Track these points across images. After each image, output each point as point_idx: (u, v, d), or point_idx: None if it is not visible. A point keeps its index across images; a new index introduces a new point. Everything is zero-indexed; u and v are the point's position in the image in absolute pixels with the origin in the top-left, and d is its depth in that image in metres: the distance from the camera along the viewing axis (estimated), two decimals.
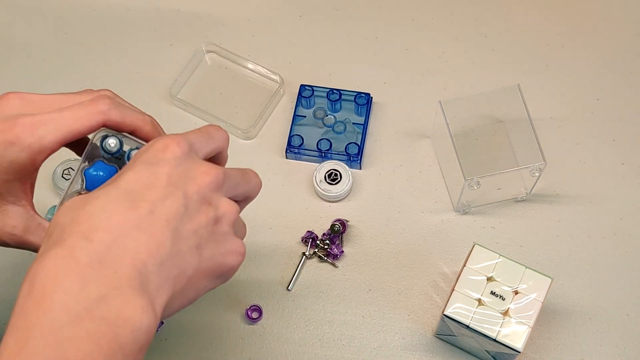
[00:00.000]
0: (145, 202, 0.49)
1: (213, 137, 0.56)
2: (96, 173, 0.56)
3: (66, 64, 0.97)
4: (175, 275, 0.49)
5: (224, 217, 0.53)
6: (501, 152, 0.89)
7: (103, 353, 0.45)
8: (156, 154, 0.51)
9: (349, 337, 0.81)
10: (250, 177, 0.58)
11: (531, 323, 0.71)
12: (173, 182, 0.50)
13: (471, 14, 0.99)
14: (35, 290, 0.46)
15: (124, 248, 0.47)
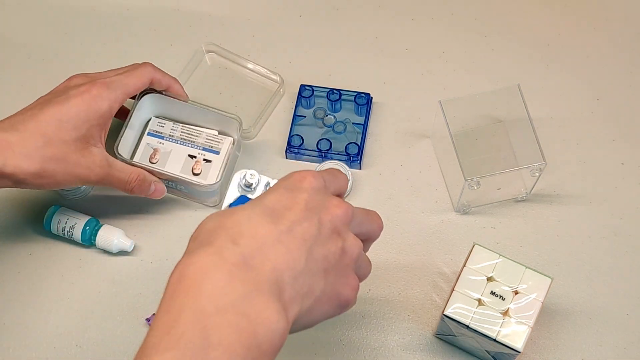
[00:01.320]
0: (285, 220, 0.54)
1: (338, 178, 0.61)
2: None
3: (66, 64, 0.97)
4: (305, 292, 0.53)
5: (349, 250, 0.57)
6: (501, 152, 0.89)
7: (243, 345, 0.49)
8: (295, 182, 0.57)
9: (349, 337, 0.81)
10: (374, 218, 0.63)
11: (531, 323, 0.71)
12: (310, 207, 0.55)
13: (471, 14, 0.99)
14: (186, 280, 0.50)
15: (266, 256, 0.52)
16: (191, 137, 0.87)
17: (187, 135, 0.88)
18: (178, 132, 0.88)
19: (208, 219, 0.55)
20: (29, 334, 0.82)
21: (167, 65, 0.95)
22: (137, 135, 0.88)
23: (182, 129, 0.88)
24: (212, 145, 0.87)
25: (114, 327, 0.82)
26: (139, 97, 0.85)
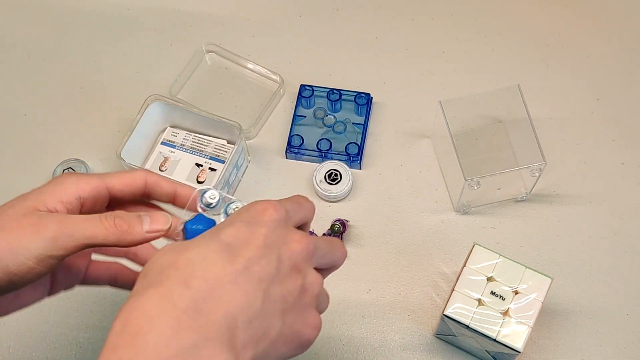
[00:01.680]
0: (242, 258, 0.50)
1: (303, 207, 0.58)
2: (195, 227, 0.58)
3: (66, 64, 0.97)
4: (260, 336, 0.50)
5: (310, 288, 0.53)
6: (501, 152, 0.89)
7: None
8: (255, 215, 0.52)
9: (349, 337, 0.81)
10: (336, 247, 0.59)
11: (531, 323, 0.71)
12: (269, 243, 0.51)
13: (471, 14, 0.99)
14: (129, 328, 0.46)
15: (219, 299, 0.48)
16: (201, 147, 0.89)
17: (197, 145, 0.89)
18: (189, 142, 0.90)
19: (160, 253, 0.50)
20: (29, 334, 0.82)
21: (167, 65, 0.96)
22: (151, 144, 0.90)
23: (193, 138, 0.90)
24: (219, 155, 0.88)
25: None
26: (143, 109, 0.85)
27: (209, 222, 0.58)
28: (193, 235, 0.56)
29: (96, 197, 0.59)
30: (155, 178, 0.61)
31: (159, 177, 0.61)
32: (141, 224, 0.57)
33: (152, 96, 0.87)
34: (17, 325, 0.82)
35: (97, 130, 0.93)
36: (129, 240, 0.56)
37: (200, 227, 0.57)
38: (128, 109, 0.92)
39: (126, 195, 0.60)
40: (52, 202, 0.56)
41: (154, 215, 0.58)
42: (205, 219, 0.58)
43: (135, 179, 0.60)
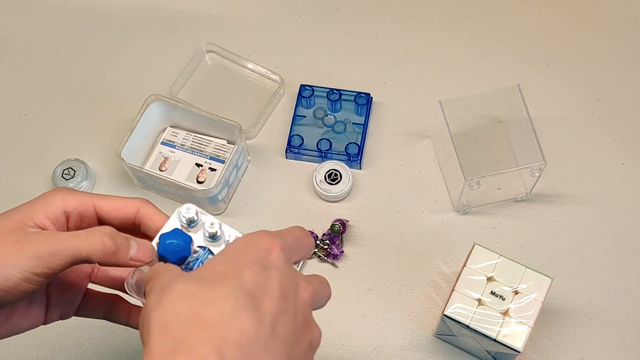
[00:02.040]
0: (267, 315, 0.48)
1: (304, 245, 0.57)
2: (170, 241, 0.57)
3: (66, 64, 0.97)
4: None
5: (315, 343, 0.53)
6: (501, 152, 0.89)
7: None
8: (265, 254, 0.51)
9: (349, 337, 0.81)
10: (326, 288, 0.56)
11: (531, 323, 0.71)
12: (285, 293, 0.50)
13: (471, 14, 0.99)
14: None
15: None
16: (201, 147, 0.89)
17: (197, 145, 0.89)
18: (189, 142, 0.90)
19: (178, 297, 0.47)
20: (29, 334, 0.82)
21: (167, 65, 0.96)
22: (151, 144, 0.90)
23: (193, 138, 0.90)
24: (219, 155, 0.88)
25: (114, 327, 0.82)
26: (143, 109, 0.85)
27: (185, 237, 0.57)
28: (166, 251, 0.56)
29: (82, 214, 0.58)
30: (149, 210, 0.59)
31: (153, 210, 0.59)
32: (128, 248, 0.55)
33: (152, 96, 0.87)
34: None
35: (97, 130, 0.93)
36: (112, 261, 0.55)
37: (174, 242, 0.56)
38: (128, 108, 0.92)
39: (114, 221, 0.58)
40: (40, 217, 0.56)
41: (141, 244, 0.56)
42: (182, 234, 0.57)
43: (126, 205, 0.59)
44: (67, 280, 0.61)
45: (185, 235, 0.57)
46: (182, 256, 0.56)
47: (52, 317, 0.61)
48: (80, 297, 0.63)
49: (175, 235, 0.57)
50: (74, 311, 0.62)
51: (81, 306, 0.63)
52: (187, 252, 0.57)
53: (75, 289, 0.62)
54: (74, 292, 0.62)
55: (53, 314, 0.61)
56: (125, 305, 0.63)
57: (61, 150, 0.91)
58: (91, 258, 0.54)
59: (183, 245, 0.56)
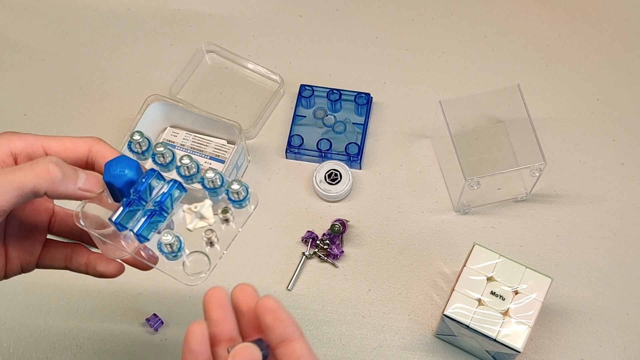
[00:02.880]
0: None
1: None
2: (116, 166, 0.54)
3: (66, 64, 0.97)
4: None
5: None
6: (501, 152, 0.89)
7: None
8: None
9: (349, 337, 0.81)
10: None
11: (531, 323, 0.71)
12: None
13: (471, 14, 0.99)
14: None
15: None
16: (201, 147, 0.89)
17: (197, 145, 0.89)
18: (189, 142, 0.89)
19: None
20: (29, 334, 0.82)
21: (167, 65, 0.96)
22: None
23: (193, 138, 0.90)
24: (219, 155, 0.88)
25: (114, 327, 0.82)
26: (143, 109, 0.84)
27: (131, 162, 0.55)
28: (111, 176, 0.53)
29: (30, 155, 0.55)
30: (102, 148, 0.56)
31: (106, 148, 0.57)
32: (76, 178, 0.53)
33: (152, 96, 0.87)
34: (16, 325, 0.82)
35: (97, 130, 0.93)
36: (60, 191, 0.52)
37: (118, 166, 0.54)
38: (128, 108, 0.92)
39: (65, 162, 0.55)
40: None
41: (89, 174, 0.54)
42: (127, 159, 0.55)
43: (77, 145, 0.56)
44: (25, 229, 0.59)
45: (131, 160, 0.55)
46: (128, 179, 0.54)
47: (12, 269, 0.59)
48: (40, 246, 0.60)
49: (119, 161, 0.54)
50: (35, 262, 0.60)
51: (41, 256, 0.60)
52: (134, 175, 0.54)
53: (34, 238, 0.60)
54: (33, 241, 0.60)
55: (13, 266, 0.59)
56: (84, 252, 0.61)
57: None
58: (38, 189, 0.51)
59: (128, 170, 0.54)
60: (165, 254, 0.55)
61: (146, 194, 0.55)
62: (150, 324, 0.81)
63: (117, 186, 0.54)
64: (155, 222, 0.55)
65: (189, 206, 0.58)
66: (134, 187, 0.55)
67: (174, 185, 0.56)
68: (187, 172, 0.58)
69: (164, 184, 0.56)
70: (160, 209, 0.55)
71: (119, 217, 0.54)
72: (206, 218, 0.58)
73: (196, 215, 0.57)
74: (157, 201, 0.55)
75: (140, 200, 0.55)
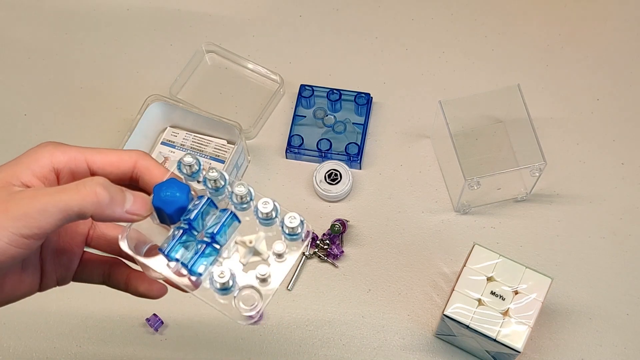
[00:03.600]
0: None
1: None
2: (166, 191, 0.51)
3: (66, 64, 0.97)
4: None
5: None
6: (501, 152, 0.89)
7: None
8: None
9: (349, 337, 0.81)
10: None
11: (531, 323, 0.71)
12: None
13: (471, 14, 0.99)
14: None
15: None
16: (201, 147, 0.89)
17: (197, 145, 0.90)
18: (189, 142, 0.90)
19: None
20: (29, 334, 0.82)
21: (167, 65, 0.96)
22: (151, 144, 0.90)
23: (193, 138, 0.90)
24: (219, 155, 0.88)
25: (113, 327, 0.82)
26: (143, 109, 0.84)
27: (182, 186, 0.51)
28: (161, 201, 0.50)
29: (73, 170, 0.52)
30: (147, 164, 0.53)
31: (151, 164, 0.53)
32: (124, 201, 0.50)
33: (152, 96, 0.87)
34: (17, 325, 0.82)
35: (97, 130, 0.93)
36: (107, 215, 0.49)
37: (169, 192, 0.51)
38: (128, 109, 0.92)
39: (109, 176, 0.52)
40: (26, 176, 0.50)
41: (137, 196, 0.51)
42: (178, 183, 0.51)
43: (122, 159, 0.53)
44: (62, 243, 0.56)
45: (182, 184, 0.51)
46: (180, 206, 0.51)
47: (47, 283, 0.56)
48: (77, 261, 0.57)
49: (170, 185, 0.51)
50: (72, 276, 0.58)
51: (78, 271, 0.58)
52: (185, 201, 0.51)
53: (71, 253, 0.57)
54: (70, 255, 0.57)
55: (49, 280, 0.56)
56: (124, 270, 0.57)
57: None
58: (84, 212, 0.48)
59: (179, 195, 0.51)
60: (217, 290, 0.52)
61: (198, 224, 0.52)
62: (150, 324, 0.81)
63: (167, 212, 0.51)
64: (208, 255, 0.52)
65: (242, 239, 0.54)
66: (185, 215, 0.52)
67: (229, 216, 0.52)
68: (240, 200, 0.53)
69: (217, 213, 0.53)
70: (213, 240, 0.52)
71: (170, 249, 0.51)
72: (261, 253, 0.54)
73: (250, 249, 0.54)
74: (210, 233, 0.52)
75: (191, 229, 0.52)
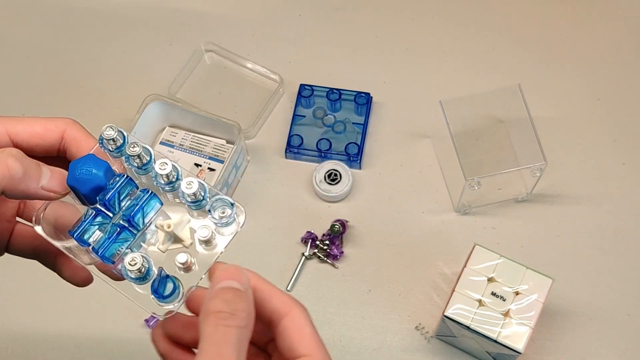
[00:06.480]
0: None
1: None
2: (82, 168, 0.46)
3: (65, 64, 0.97)
4: None
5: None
6: (502, 152, 0.89)
7: None
8: None
9: (349, 338, 0.81)
10: None
11: (532, 324, 0.71)
12: None
13: (471, 13, 0.98)
14: None
15: None
16: (200, 147, 0.89)
17: (196, 145, 0.89)
18: (188, 142, 0.90)
19: None
20: (27, 335, 0.82)
21: (166, 65, 0.95)
22: (150, 144, 0.90)
23: (192, 138, 0.90)
24: (218, 155, 0.88)
25: (113, 327, 0.82)
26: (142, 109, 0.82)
27: (100, 163, 0.47)
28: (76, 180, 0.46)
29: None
30: (76, 134, 0.49)
31: (80, 134, 0.50)
32: (39, 175, 0.46)
33: (151, 96, 0.87)
34: (15, 325, 0.82)
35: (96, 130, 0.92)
36: (20, 190, 0.45)
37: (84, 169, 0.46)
38: (127, 108, 0.92)
39: (34, 149, 0.48)
40: None
41: (55, 171, 0.47)
42: (96, 160, 0.47)
43: (48, 129, 0.48)
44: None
45: (100, 161, 0.47)
46: (95, 185, 0.46)
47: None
48: (8, 234, 0.53)
49: (86, 161, 0.47)
50: (3, 250, 0.53)
51: (11, 243, 0.53)
52: (102, 180, 0.46)
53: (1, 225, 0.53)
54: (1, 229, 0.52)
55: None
56: (52, 249, 0.51)
57: None
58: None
59: (96, 172, 0.47)
60: (131, 279, 0.48)
61: (114, 205, 0.48)
62: (150, 324, 0.81)
63: (82, 192, 0.47)
64: (123, 240, 0.47)
65: (163, 222, 0.50)
66: (101, 195, 0.47)
67: (148, 197, 0.48)
68: (165, 179, 0.49)
69: (137, 194, 0.48)
70: (129, 224, 0.48)
71: (78, 231, 0.47)
72: (182, 240, 0.50)
73: (170, 235, 0.50)
74: (127, 214, 0.48)
75: (107, 210, 0.48)
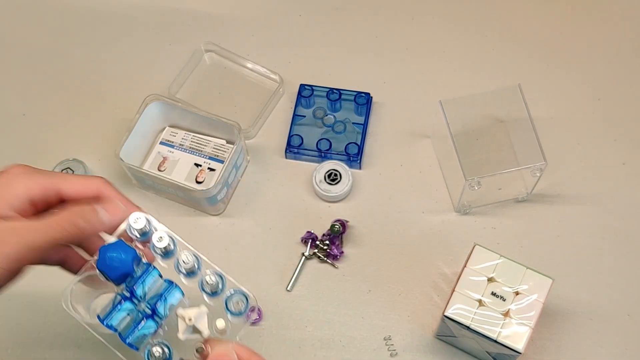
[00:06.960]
0: None
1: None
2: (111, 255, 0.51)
3: (65, 64, 0.97)
4: None
5: None
6: (502, 152, 0.89)
7: None
8: None
9: (349, 338, 0.81)
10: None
11: (532, 324, 0.71)
12: None
13: (472, 13, 0.98)
14: None
15: None
16: (200, 147, 0.89)
17: (196, 145, 0.89)
18: (188, 142, 0.89)
19: None
20: (28, 335, 0.82)
21: (166, 65, 0.95)
22: (150, 144, 0.90)
23: (192, 138, 0.90)
24: (218, 155, 0.88)
25: None
26: (142, 109, 0.83)
27: (128, 251, 0.51)
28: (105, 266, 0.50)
29: (46, 198, 0.56)
30: (109, 194, 0.58)
31: (112, 193, 0.58)
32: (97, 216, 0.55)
33: (151, 96, 0.87)
34: (15, 326, 0.82)
35: (96, 130, 0.92)
36: (89, 233, 0.54)
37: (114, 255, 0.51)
38: (127, 108, 0.92)
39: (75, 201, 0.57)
40: (3, 209, 0.54)
41: (108, 207, 0.56)
42: (125, 248, 0.51)
43: (87, 187, 0.58)
44: None
45: (128, 248, 0.51)
46: (123, 272, 0.51)
47: None
48: None
49: (116, 249, 0.51)
50: None
51: None
52: (129, 268, 0.51)
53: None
54: None
55: None
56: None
57: (60, 150, 0.91)
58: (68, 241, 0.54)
59: (124, 260, 0.51)
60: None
61: (140, 295, 0.51)
62: None
63: (111, 277, 0.51)
64: (147, 329, 0.51)
65: (184, 312, 0.53)
66: (128, 281, 0.51)
67: (172, 289, 0.52)
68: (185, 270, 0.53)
69: (161, 284, 0.52)
70: (153, 313, 0.51)
71: (107, 317, 0.52)
72: (200, 331, 0.53)
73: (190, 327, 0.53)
74: (151, 304, 0.51)
75: (132, 297, 0.51)
